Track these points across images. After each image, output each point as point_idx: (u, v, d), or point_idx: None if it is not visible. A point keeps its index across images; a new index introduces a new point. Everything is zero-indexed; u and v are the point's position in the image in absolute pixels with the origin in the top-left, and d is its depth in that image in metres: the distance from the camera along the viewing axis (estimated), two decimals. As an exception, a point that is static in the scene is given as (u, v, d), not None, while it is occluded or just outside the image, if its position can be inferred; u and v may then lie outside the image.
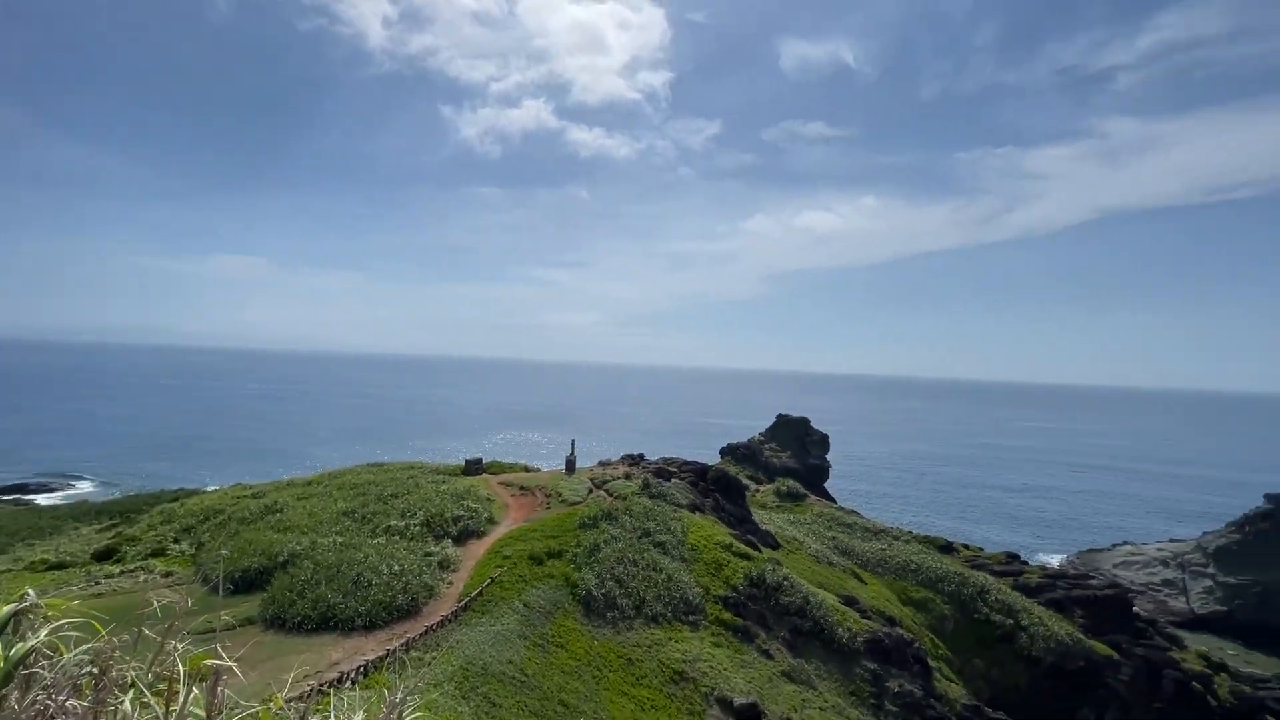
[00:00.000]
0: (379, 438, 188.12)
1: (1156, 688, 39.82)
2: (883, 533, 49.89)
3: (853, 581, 38.47)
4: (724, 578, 30.30)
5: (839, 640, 27.83)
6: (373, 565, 27.00)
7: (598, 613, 26.76)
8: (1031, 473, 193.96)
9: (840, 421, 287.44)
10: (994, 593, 41.42)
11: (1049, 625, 39.66)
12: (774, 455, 75.83)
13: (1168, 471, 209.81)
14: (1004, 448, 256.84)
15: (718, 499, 40.08)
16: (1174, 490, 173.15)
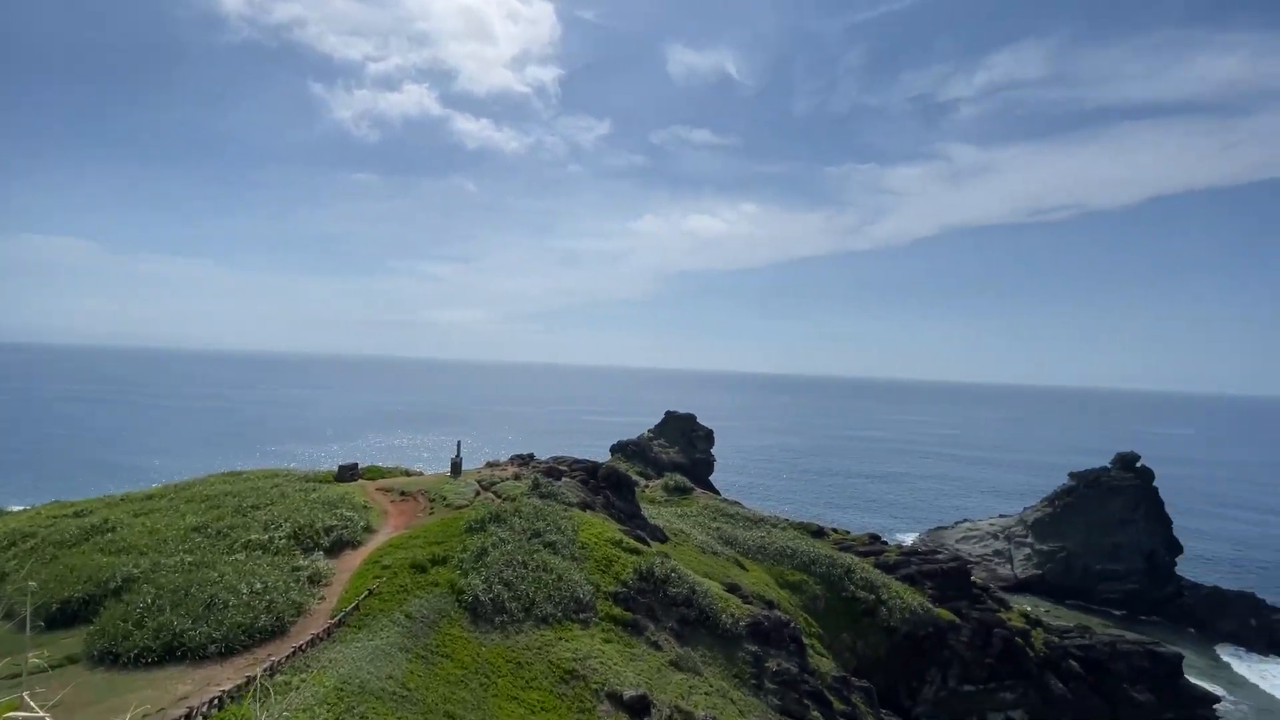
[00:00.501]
0: (236, 444, 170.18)
1: (988, 644, 45.54)
2: (762, 521, 52.82)
3: (735, 569, 40.43)
4: (614, 574, 30.62)
5: (723, 626, 29.12)
6: (229, 585, 24.42)
7: (486, 618, 26.05)
8: (888, 461, 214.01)
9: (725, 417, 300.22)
10: (859, 572, 45.27)
11: (904, 598, 44.00)
12: (663, 451, 77.64)
13: (996, 457, 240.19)
14: (865, 439, 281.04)
15: (608, 496, 40.45)
16: (1001, 473, 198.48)
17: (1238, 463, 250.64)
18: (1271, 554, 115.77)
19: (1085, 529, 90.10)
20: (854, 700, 30.86)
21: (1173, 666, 53.17)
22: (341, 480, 40.39)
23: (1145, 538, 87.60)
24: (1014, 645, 46.08)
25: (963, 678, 42.97)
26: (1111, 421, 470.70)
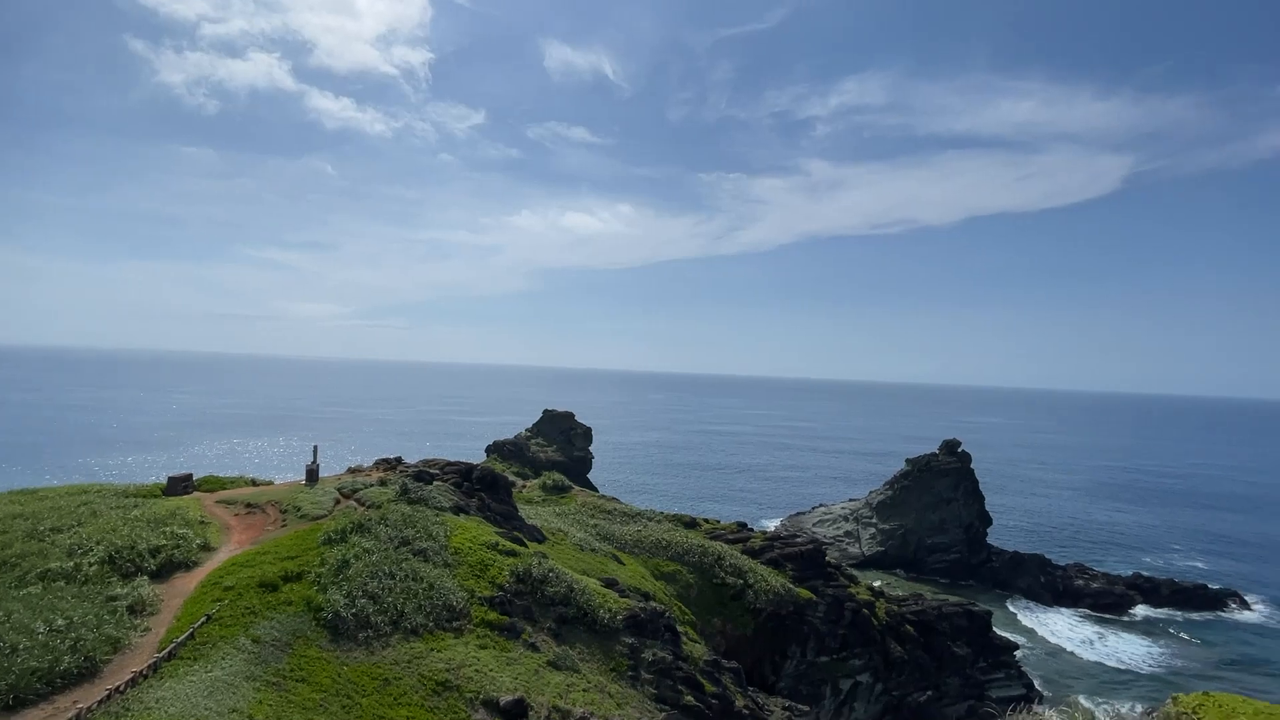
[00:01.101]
0: (28, 458, 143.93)
1: (840, 618, 50.07)
2: (639, 516, 53.99)
3: (613, 564, 40.98)
4: (490, 577, 29.81)
5: (601, 621, 29.40)
6: (20, 624, 20.61)
7: (348, 635, 24.23)
8: (753, 453, 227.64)
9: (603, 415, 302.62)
10: (728, 558, 47.75)
11: (768, 581, 47.09)
12: (541, 450, 76.72)
13: (847, 447, 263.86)
14: (731, 433, 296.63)
15: (483, 498, 39.21)
16: (851, 461, 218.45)
17: (1034, 446, 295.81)
18: (1056, 521, 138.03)
19: (918, 508, 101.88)
20: (725, 681, 32.51)
21: (984, 623, 61.73)
22: (172, 494, 35.53)
23: (964, 513, 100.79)
24: (861, 616, 51.02)
25: (819, 650, 46.86)
26: (938, 413, 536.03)
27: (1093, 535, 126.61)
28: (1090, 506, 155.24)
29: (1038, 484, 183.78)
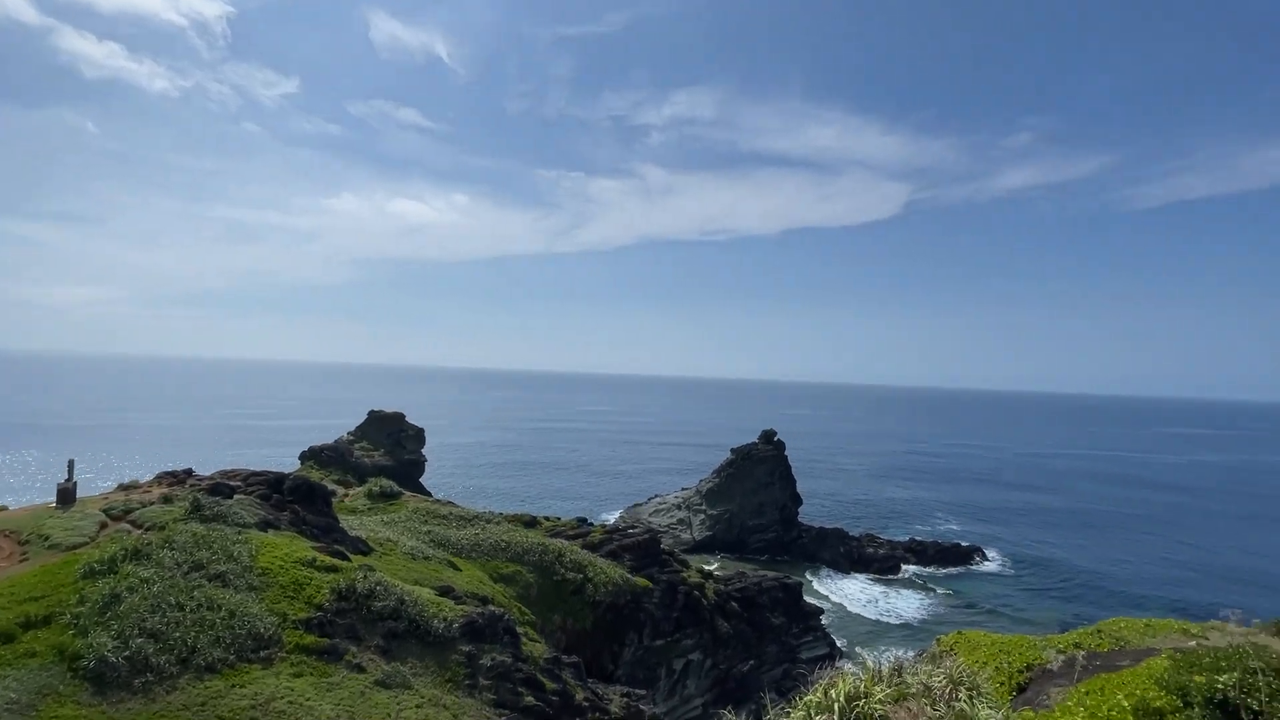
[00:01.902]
0: None
1: (674, 602, 52.90)
2: (476, 519, 52.22)
3: (448, 571, 39.19)
4: (306, 598, 26.92)
5: (435, 631, 27.99)
6: None
7: (119, 684, 20.40)
8: (593, 449, 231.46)
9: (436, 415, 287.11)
10: (568, 555, 48.07)
11: (607, 573, 48.24)
12: (366, 454, 70.87)
13: (679, 439, 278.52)
14: (572, 430, 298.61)
15: (298, 511, 35.23)
16: (685, 452, 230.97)
17: (836, 434, 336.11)
18: (852, 498, 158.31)
19: (742, 493, 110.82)
20: (565, 677, 32.70)
21: (796, 593, 69.02)
22: None
23: (780, 495, 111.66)
24: (693, 598, 54.36)
25: (655, 634, 49.07)
26: (759, 405, 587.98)
27: (880, 508, 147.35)
28: (878, 484, 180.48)
29: (838, 466, 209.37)
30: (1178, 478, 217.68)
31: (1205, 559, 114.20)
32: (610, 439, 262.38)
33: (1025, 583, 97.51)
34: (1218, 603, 27.50)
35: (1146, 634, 23.77)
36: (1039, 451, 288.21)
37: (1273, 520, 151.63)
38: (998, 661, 23.73)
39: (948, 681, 11.02)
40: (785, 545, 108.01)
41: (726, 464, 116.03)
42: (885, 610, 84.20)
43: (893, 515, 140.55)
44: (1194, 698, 13.98)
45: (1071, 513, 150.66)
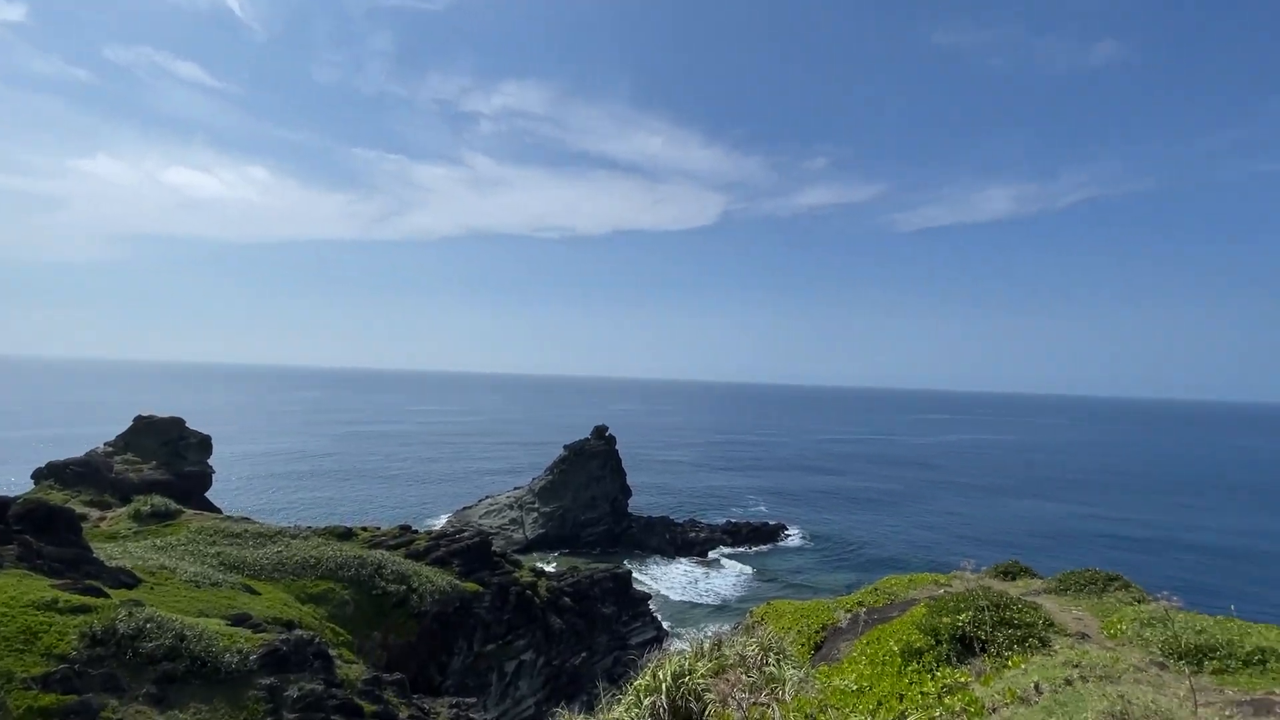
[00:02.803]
0: None
1: (505, 603, 51.90)
2: (279, 535, 46.46)
3: (244, 596, 34.37)
4: (44, 648, 21.86)
5: (228, 667, 24.38)
6: None
7: None
8: (417, 451, 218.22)
9: (229, 419, 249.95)
10: (390, 565, 44.80)
11: (434, 580, 45.83)
12: (131, 468, 59.60)
13: (511, 438, 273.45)
14: (394, 433, 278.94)
15: (30, 542, 28.40)
16: (516, 451, 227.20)
17: (663, 427, 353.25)
18: (677, 486, 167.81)
19: (574, 488, 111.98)
20: (386, 697, 30.48)
21: (625, 581, 71.54)
22: None
23: (611, 489, 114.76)
24: (525, 598, 53.78)
25: (485, 639, 47.72)
26: (591, 401, 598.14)
27: (701, 495, 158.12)
28: (699, 472, 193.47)
29: (664, 458, 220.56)
30: (929, 456, 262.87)
31: (951, 522, 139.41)
32: (437, 441, 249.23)
33: (821, 554, 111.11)
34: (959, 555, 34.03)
35: (910, 587, 28.44)
36: (828, 438, 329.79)
37: (995, 488, 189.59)
38: (800, 625, 26.81)
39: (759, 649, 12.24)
40: (616, 537, 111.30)
41: (559, 461, 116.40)
42: (706, 590, 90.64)
43: (712, 501, 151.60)
44: (942, 635, 17.05)
45: (854, 490, 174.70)
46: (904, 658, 16.47)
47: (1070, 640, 16.45)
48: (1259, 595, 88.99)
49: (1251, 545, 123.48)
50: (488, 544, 57.98)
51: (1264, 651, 13.38)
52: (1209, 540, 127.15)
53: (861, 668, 16.92)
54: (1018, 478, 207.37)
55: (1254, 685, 12.13)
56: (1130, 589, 25.35)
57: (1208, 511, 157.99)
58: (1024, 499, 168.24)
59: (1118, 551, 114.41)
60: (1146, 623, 16.48)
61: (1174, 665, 13.31)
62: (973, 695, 11.96)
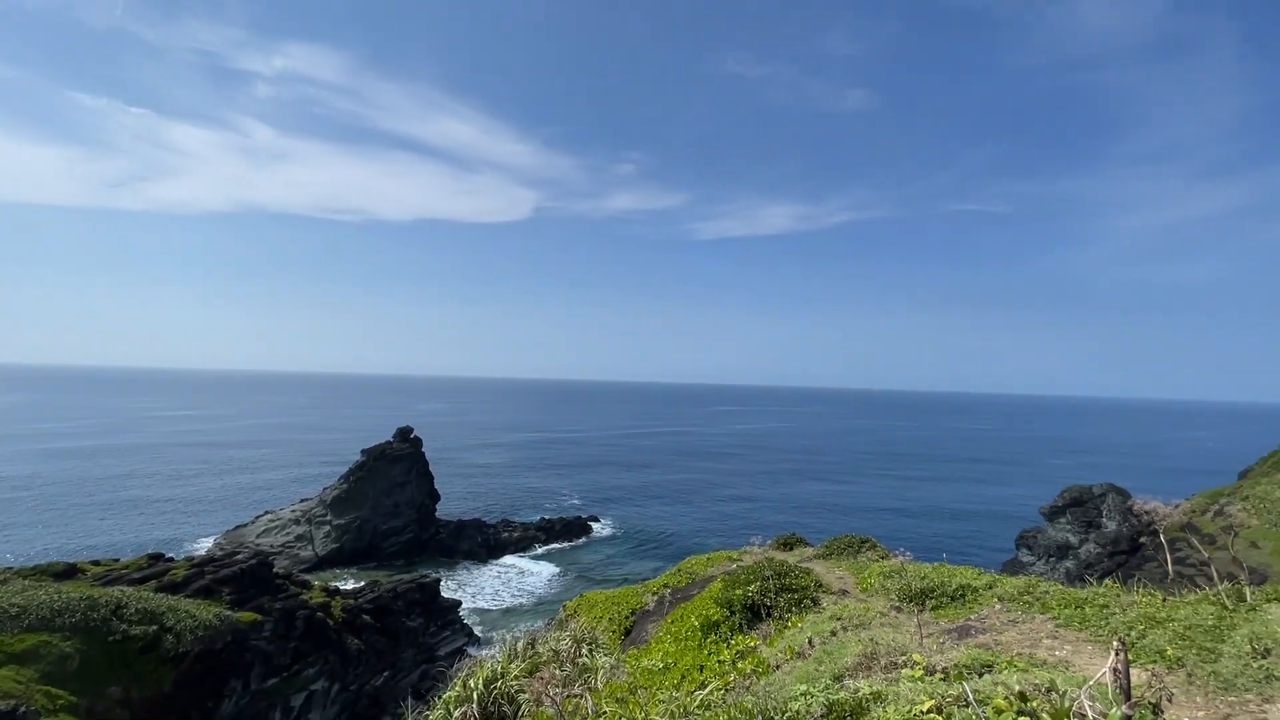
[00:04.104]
0: None
1: (291, 630, 46.10)
2: (-40, 582, 36.00)
3: (-99, 669, 26.00)
4: None
5: (-127, 767, 18.39)
6: None
7: None
8: (175, 463, 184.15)
9: None
10: (133, 604, 37.19)
11: (196, 615, 39.08)
12: None
13: (297, 443, 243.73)
14: (136, 445, 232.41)
15: None
16: (300, 459, 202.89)
17: (473, 426, 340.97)
18: (489, 487, 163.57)
19: (374, 496, 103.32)
20: (128, 762, 25.38)
21: (433, 590, 67.95)
22: None
23: (417, 494, 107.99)
24: (316, 621, 48.32)
25: (266, 674, 41.93)
26: (392, 402, 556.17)
27: (514, 494, 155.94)
28: (512, 471, 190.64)
29: (475, 458, 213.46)
30: (722, 445, 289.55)
31: (743, 503, 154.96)
32: (199, 452, 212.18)
33: (631, 543, 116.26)
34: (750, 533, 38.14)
35: (708, 566, 31.06)
36: (635, 432, 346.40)
37: (778, 472, 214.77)
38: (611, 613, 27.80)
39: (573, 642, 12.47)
40: (424, 544, 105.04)
41: (357, 467, 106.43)
42: (520, 590, 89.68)
43: (525, 500, 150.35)
44: (736, 606, 18.91)
45: (659, 480, 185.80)
46: (703, 631, 17.97)
47: (834, 597, 19.33)
48: (964, 545, 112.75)
49: (960, 506, 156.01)
50: (267, 565, 51.09)
51: (965, 588, 17.05)
52: (931, 504, 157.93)
53: (667, 646, 18.12)
54: (795, 462, 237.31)
55: (958, 615, 15.42)
56: (877, 549, 30.47)
57: (931, 481, 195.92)
58: (801, 480, 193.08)
59: (868, 518, 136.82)
60: (888, 575, 20.01)
61: (907, 607, 16.33)
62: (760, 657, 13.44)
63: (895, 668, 9.19)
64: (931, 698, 6.56)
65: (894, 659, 9.57)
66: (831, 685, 8.06)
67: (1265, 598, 13.87)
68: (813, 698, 7.41)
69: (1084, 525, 78.21)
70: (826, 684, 8.12)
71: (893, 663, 9.44)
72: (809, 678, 9.31)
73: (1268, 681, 8.61)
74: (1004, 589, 16.32)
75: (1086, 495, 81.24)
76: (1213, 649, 9.69)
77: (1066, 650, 11.13)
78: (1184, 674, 9.40)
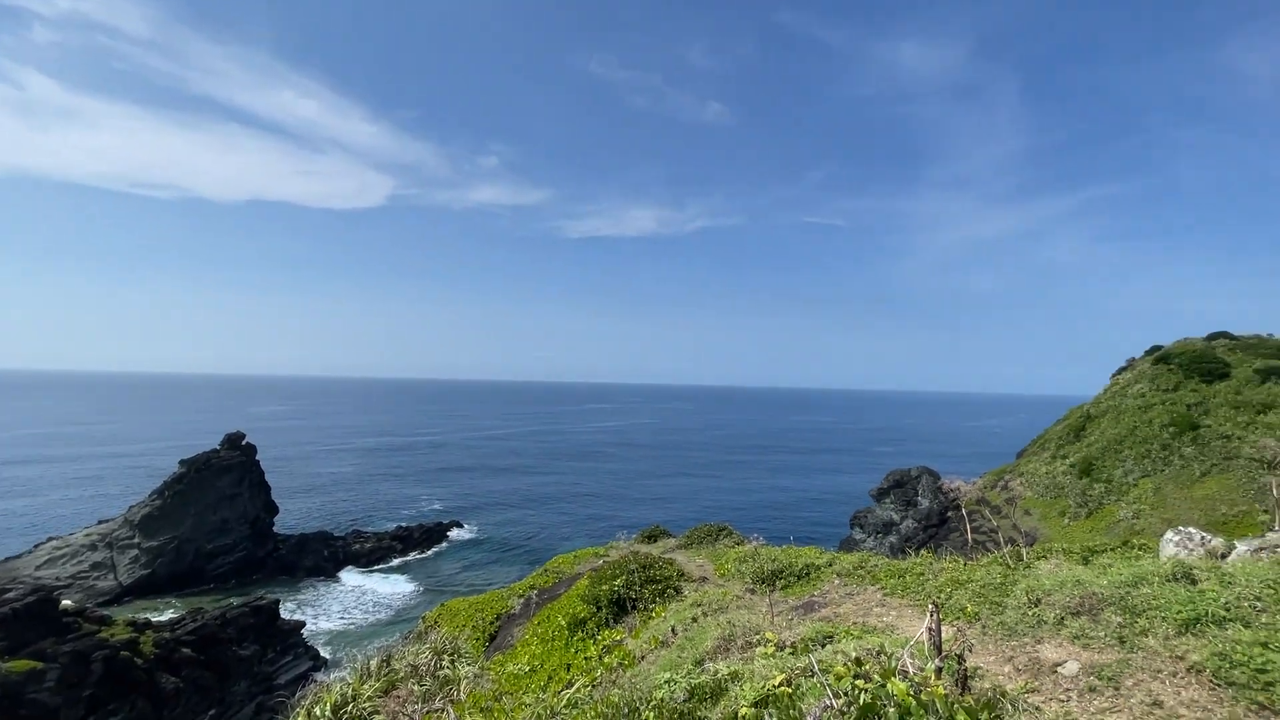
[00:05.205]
0: None
1: (85, 676, 39.21)
2: None
3: None
4: None
5: None
6: None
7: None
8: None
9: None
10: None
11: (-51, 670, 31.92)
12: None
13: (93, 457, 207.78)
14: None
15: None
16: (103, 472, 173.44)
17: (318, 429, 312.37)
18: (337, 495, 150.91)
19: (197, 512, 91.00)
20: None
21: (271, 613, 61.35)
22: None
23: (250, 507, 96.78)
24: (119, 662, 41.54)
25: (49, 731, 35.30)
26: (222, 405, 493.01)
27: (367, 501, 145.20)
28: (364, 477, 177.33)
29: (321, 465, 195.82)
30: (590, 444, 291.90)
31: (610, 501, 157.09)
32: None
33: (496, 547, 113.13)
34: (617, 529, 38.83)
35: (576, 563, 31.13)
36: (500, 432, 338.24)
37: (643, 469, 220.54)
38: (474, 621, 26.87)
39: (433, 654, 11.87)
40: (259, 563, 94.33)
41: (174, 480, 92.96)
42: (375, 604, 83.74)
43: (380, 507, 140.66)
44: (602, 601, 19.13)
45: (526, 481, 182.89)
46: (570, 629, 17.97)
47: (696, 584, 20.24)
48: (809, 527, 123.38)
49: (804, 492, 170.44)
50: (54, 601, 43.10)
51: (809, 567, 18.66)
52: (780, 491, 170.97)
53: (533, 648, 17.88)
54: (660, 458, 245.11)
55: (804, 592, 16.85)
56: (733, 535, 32.38)
57: (780, 471, 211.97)
58: (665, 475, 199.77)
59: (726, 508, 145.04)
60: (743, 560, 21.32)
61: (760, 588, 17.53)
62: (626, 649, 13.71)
63: (751, 647, 9.83)
64: (782, 671, 7.10)
65: (749, 639, 10.23)
66: (693, 670, 8.44)
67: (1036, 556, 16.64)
68: (676, 684, 7.71)
69: (904, 504, 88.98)
70: (689, 669, 8.50)
71: (748, 642, 10.09)
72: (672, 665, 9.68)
73: (1039, 625, 10.35)
74: (841, 565, 18.10)
75: (906, 477, 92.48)
76: (1000, 602, 11.48)
77: (892, 616, 12.57)
78: (980, 626, 11.01)
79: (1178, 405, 70.51)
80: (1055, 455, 77.60)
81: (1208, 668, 8.15)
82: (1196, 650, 8.48)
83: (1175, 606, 9.60)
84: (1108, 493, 64.26)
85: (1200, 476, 59.85)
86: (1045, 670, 9.07)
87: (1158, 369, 79.63)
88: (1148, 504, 59.21)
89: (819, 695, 5.83)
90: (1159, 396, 74.38)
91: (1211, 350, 78.89)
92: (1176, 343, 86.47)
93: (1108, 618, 10.14)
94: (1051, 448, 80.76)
